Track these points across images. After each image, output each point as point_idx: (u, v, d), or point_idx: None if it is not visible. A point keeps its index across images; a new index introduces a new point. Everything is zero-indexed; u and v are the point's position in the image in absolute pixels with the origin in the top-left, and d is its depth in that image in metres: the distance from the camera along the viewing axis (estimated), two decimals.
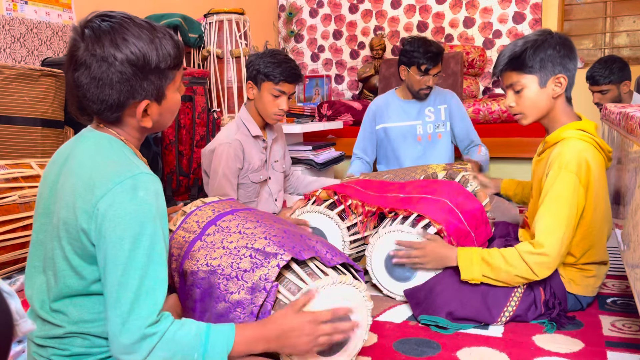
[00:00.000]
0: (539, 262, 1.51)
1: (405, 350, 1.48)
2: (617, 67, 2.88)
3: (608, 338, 1.52)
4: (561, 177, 1.52)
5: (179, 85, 1.11)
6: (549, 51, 1.58)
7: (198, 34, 3.25)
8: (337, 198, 2.03)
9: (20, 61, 2.46)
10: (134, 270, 0.95)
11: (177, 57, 1.06)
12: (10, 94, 1.87)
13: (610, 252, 2.32)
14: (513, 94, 1.65)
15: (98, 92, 0.99)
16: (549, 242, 1.51)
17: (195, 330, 1.00)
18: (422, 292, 1.68)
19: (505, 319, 1.61)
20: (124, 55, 0.98)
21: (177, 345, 0.97)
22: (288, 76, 2.09)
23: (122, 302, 0.94)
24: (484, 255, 1.59)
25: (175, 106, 1.12)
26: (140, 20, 1.03)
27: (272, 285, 1.21)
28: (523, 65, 1.60)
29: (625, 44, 4.31)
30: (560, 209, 1.52)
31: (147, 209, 0.97)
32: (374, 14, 4.61)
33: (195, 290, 1.32)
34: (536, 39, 1.60)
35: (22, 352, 1.32)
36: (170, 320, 0.99)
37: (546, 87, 1.60)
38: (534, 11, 4.08)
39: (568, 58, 1.60)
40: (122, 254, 0.95)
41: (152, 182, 1.00)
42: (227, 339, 1.02)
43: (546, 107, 1.64)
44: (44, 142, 1.97)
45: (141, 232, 0.96)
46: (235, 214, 1.49)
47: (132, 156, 1.05)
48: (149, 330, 0.95)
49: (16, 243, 1.42)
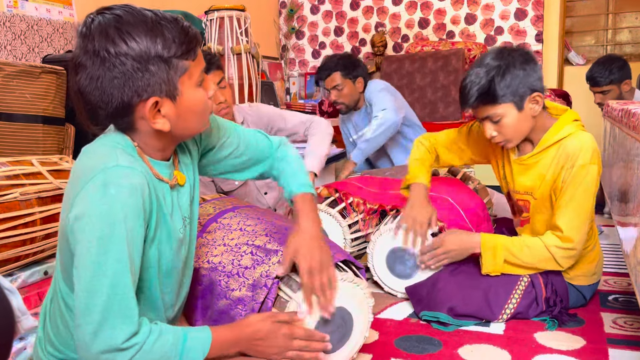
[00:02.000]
0: (567, 255, 1.55)
1: (406, 347, 1.48)
2: (617, 66, 2.87)
3: (609, 335, 1.52)
4: (587, 171, 1.51)
5: (200, 80, 0.97)
6: (516, 74, 1.50)
7: (199, 30, 3.25)
8: (338, 196, 2.03)
9: (21, 58, 2.45)
10: (104, 276, 0.88)
11: (185, 44, 0.92)
12: (11, 91, 1.87)
13: (612, 249, 2.32)
14: (491, 124, 1.58)
15: (100, 94, 0.90)
16: (578, 237, 1.54)
17: (172, 340, 0.96)
18: (424, 289, 1.68)
19: (506, 316, 1.61)
20: (118, 47, 0.87)
21: (153, 356, 0.93)
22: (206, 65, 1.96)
23: (92, 309, 0.87)
24: (508, 244, 1.60)
25: (200, 105, 0.98)
26: (142, 9, 0.92)
27: (273, 282, 1.21)
28: (495, 97, 1.51)
29: (627, 40, 4.30)
30: (587, 204, 1.53)
31: (119, 208, 0.88)
32: (375, 11, 4.60)
33: (196, 287, 1.32)
34: (499, 65, 1.50)
35: (23, 349, 1.32)
36: (148, 330, 0.93)
37: (524, 109, 1.54)
38: (536, 8, 4.07)
39: (534, 71, 1.53)
40: (89, 258, 0.88)
41: (127, 176, 0.90)
42: (204, 346, 1.00)
43: (529, 127, 1.58)
44: (45, 139, 1.97)
45: (111, 234, 0.87)
46: (236, 211, 1.49)
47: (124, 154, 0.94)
48: (126, 345, 0.89)
49: (17, 240, 1.41)
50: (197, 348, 0.99)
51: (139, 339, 0.91)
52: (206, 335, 1.01)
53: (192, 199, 1.13)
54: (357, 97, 2.72)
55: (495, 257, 1.60)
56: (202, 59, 1.00)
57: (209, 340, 1.01)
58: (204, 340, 1.00)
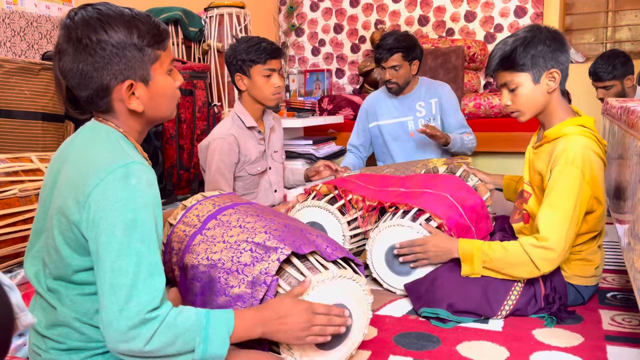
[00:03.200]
0: (543, 256, 1.52)
1: (405, 344, 1.48)
2: (620, 62, 2.85)
3: (608, 332, 1.52)
4: (567, 172, 1.52)
5: (169, 69, 1.10)
6: (539, 47, 1.57)
7: (198, 27, 3.24)
8: (337, 193, 2.03)
9: (21, 55, 2.45)
10: (129, 256, 0.93)
11: (156, 35, 1.05)
12: (11, 87, 1.87)
13: (610, 247, 2.32)
14: (508, 92, 1.65)
15: (80, 77, 1.00)
16: (554, 236, 1.51)
17: (196, 315, 1.00)
18: (423, 286, 1.68)
19: (505, 313, 1.61)
20: (99, 35, 0.98)
21: (178, 330, 0.96)
22: (271, 52, 2.13)
23: (117, 289, 0.92)
24: (485, 248, 1.59)
25: (169, 91, 1.10)
26: (120, 6, 1.04)
27: (272, 279, 1.21)
28: (515, 64, 1.59)
29: (627, 38, 4.30)
30: (565, 204, 1.52)
31: (140, 196, 0.96)
32: (375, 8, 4.59)
33: (195, 284, 1.33)
34: (525, 36, 1.58)
35: (23, 345, 1.32)
36: (170, 306, 0.98)
37: (540, 83, 1.60)
38: (536, 5, 4.06)
39: (559, 51, 1.58)
40: (115, 240, 0.93)
41: (144, 171, 1.00)
42: (228, 323, 1.03)
43: (542, 103, 1.63)
44: (44, 136, 1.97)
45: (134, 218, 0.95)
46: (235, 208, 1.49)
47: (128, 147, 1.04)
48: (150, 315, 0.93)
49: (17, 237, 1.42)
50: (222, 324, 1.01)
51: (161, 311, 0.95)
52: (229, 314, 1.04)
53: None
54: (410, 80, 2.71)
55: (472, 262, 1.61)
56: (171, 52, 1.13)
57: (232, 318, 1.04)
58: (227, 318, 1.03)
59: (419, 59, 2.67)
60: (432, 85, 2.77)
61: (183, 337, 0.96)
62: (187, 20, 3.17)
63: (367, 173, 2.27)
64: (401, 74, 2.64)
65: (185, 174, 2.70)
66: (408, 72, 2.66)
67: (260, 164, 2.23)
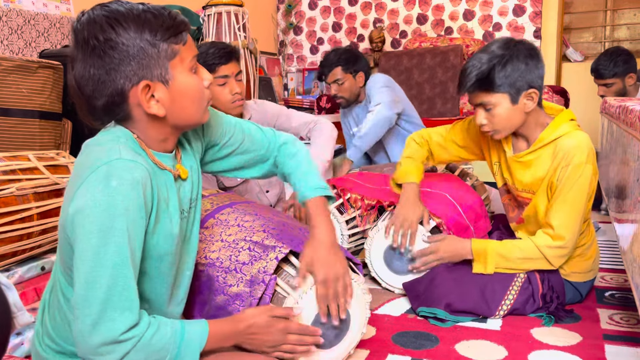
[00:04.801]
0: (559, 254, 1.56)
1: (403, 343, 1.48)
2: (622, 59, 2.84)
3: (606, 331, 1.52)
4: (586, 170, 1.52)
5: (193, 66, 0.99)
6: (517, 66, 1.50)
7: (196, 26, 3.24)
8: (336, 191, 2.03)
9: (18, 53, 2.44)
10: (104, 268, 0.88)
11: (172, 28, 0.94)
12: (8, 85, 1.86)
13: (608, 245, 2.33)
14: (483, 111, 1.58)
15: (93, 83, 0.92)
16: (570, 235, 1.54)
17: (171, 332, 0.96)
18: (422, 285, 1.68)
19: (503, 312, 1.61)
20: (106, 34, 0.90)
21: (152, 348, 0.93)
22: (220, 57, 1.93)
23: (91, 301, 0.88)
24: (499, 249, 1.61)
25: (194, 91, 0.99)
26: (132, 2, 0.96)
27: (270, 277, 1.21)
28: (492, 85, 1.51)
29: (626, 37, 4.30)
30: (579, 202, 1.54)
31: (120, 200, 0.88)
32: (374, 6, 4.59)
33: (194, 283, 1.32)
34: (502, 54, 1.50)
35: (21, 344, 1.32)
36: (147, 323, 0.93)
37: (518, 105, 1.54)
38: (534, 4, 4.06)
39: (536, 69, 1.53)
40: (90, 250, 0.88)
41: (129, 169, 0.91)
42: (201, 339, 1.00)
43: (520, 121, 1.58)
44: (41, 134, 1.96)
45: (111, 226, 0.88)
46: (233, 207, 1.49)
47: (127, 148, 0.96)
48: (124, 336, 0.89)
49: (14, 235, 1.41)
50: (195, 340, 0.99)
51: (137, 331, 0.91)
52: (203, 328, 1.02)
53: (194, 196, 1.12)
54: (358, 92, 2.71)
55: (486, 262, 1.63)
56: (194, 46, 1.01)
57: (206, 333, 1.01)
58: (201, 333, 1.01)
59: (363, 70, 2.68)
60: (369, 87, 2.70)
61: (156, 354, 0.94)
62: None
63: (366, 172, 2.27)
64: (346, 87, 2.67)
65: None
66: (353, 85, 2.67)
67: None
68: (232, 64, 1.95)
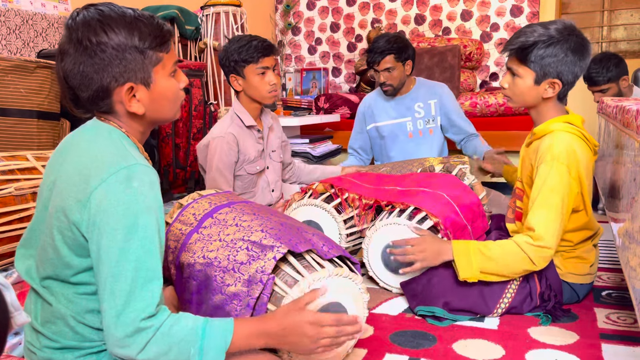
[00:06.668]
0: (540, 254, 1.53)
1: (401, 342, 1.49)
2: (613, 63, 2.85)
3: (603, 330, 1.53)
4: (554, 169, 1.53)
5: (173, 71, 1.08)
6: (556, 54, 1.55)
7: (195, 26, 3.24)
8: (334, 191, 2.04)
9: (16, 53, 2.44)
10: (128, 262, 0.94)
11: (159, 37, 1.03)
12: (6, 85, 1.86)
13: (605, 245, 2.33)
14: (510, 76, 1.67)
15: (81, 78, 1.00)
16: (548, 234, 1.52)
17: (192, 324, 0.98)
18: (419, 284, 1.69)
19: (501, 311, 1.62)
20: (99, 37, 0.98)
21: (172, 339, 0.95)
22: (263, 50, 2.11)
23: (116, 294, 0.93)
24: (481, 247, 1.58)
25: (171, 93, 1.09)
26: (123, 7, 1.03)
27: (268, 277, 1.21)
28: (526, 58, 1.59)
29: (623, 37, 4.31)
30: (555, 201, 1.53)
31: (142, 199, 0.96)
32: (372, 7, 4.59)
33: (191, 282, 1.32)
34: (552, 37, 1.55)
35: (18, 344, 1.32)
36: (166, 314, 0.97)
37: (539, 87, 1.60)
38: (532, 4, 4.07)
39: (574, 65, 1.56)
40: (115, 245, 0.94)
41: (147, 173, 0.99)
42: (225, 334, 1.00)
43: (533, 103, 1.65)
44: (40, 134, 1.96)
45: (135, 223, 0.95)
46: (232, 206, 1.49)
47: (131, 148, 1.03)
48: (144, 324, 0.93)
49: (12, 235, 1.41)
50: (218, 335, 0.99)
51: (156, 320, 0.95)
52: (228, 324, 1.02)
53: None
54: (405, 80, 2.70)
55: (469, 261, 1.56)
56: (175, 53, 1.11)
57: (231, 328, 1.01)
58: (225, 327, 1.01)
59: (411, 59, 2.65)
60: (430, 86, 2.77)
61: (177, 347, 0.96)
62: (183, 18, 3.17)
63: (364, 172, 2.27)
64: (395, 75, 2.63)
65: (181, 172, 2.70)
66: (402, 73, 2.65)
67: (258, 163, 2.22)
68: (271, 57, 2.15)
